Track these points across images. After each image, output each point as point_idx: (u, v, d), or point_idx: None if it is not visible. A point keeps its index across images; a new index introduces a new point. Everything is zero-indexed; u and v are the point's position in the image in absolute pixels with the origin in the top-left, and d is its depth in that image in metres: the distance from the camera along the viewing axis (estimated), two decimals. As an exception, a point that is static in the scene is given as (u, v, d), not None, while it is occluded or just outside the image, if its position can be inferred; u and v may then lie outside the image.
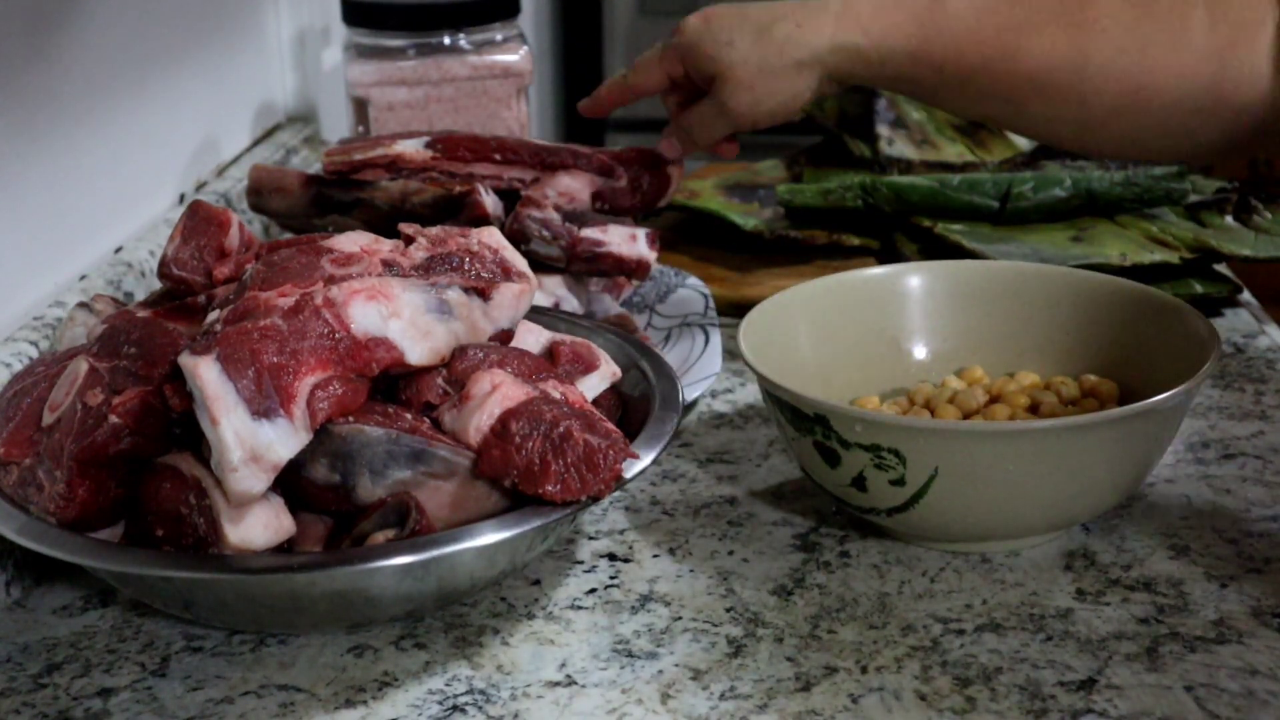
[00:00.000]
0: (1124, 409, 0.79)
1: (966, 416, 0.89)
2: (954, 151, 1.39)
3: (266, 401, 0.69)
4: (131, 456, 0.74)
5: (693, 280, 1.15)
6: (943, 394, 0.92)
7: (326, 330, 0.73)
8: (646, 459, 0.78)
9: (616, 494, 0.91)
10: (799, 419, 0.82)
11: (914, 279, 0.98)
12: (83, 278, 0.98)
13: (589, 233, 1.02)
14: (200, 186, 1.21)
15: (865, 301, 0.97)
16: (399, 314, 0.75)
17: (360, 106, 1.22)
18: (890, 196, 1.24)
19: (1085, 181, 1.23)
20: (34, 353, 0.87)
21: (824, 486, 0.85)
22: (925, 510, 0.81)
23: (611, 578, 0.84)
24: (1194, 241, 1.18)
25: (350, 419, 0.73)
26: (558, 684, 0.74)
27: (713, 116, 1.09)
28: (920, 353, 0.97)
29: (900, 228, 1.25)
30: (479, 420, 0.74)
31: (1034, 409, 0.89)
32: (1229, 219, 1.22)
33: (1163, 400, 0.79)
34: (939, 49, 1.00)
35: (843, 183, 1.26)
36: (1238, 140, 0.98)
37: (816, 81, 1.05)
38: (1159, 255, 1.17)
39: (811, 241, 1.24)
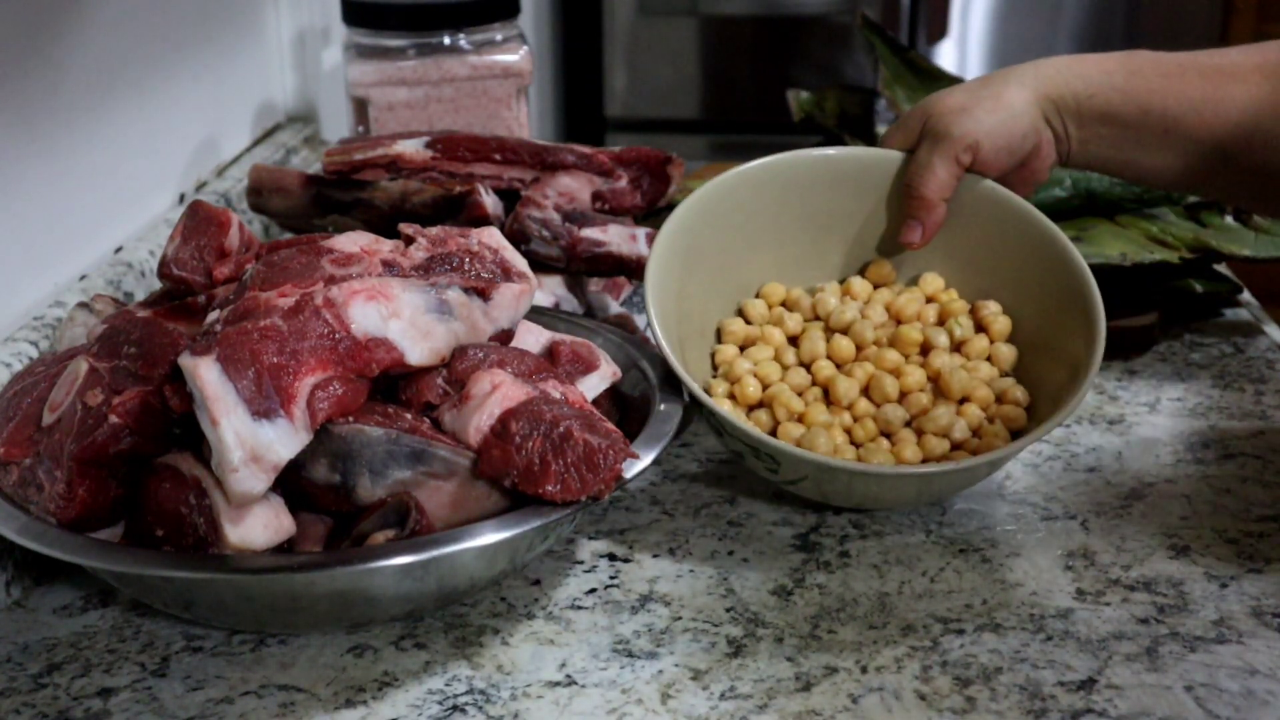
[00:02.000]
0: (977, 460, 0.84)
1: (859, 348, 0.92)
2: (954, 151, 1.39)
3: (266, 402, 0.69)
4: (131, 456, 0.74)
5: (693, 280, 1.14)
6: (842, 313, 0.93)
7: (326, 330, 0.73)
8: (646, 459, 0.78)
9: (616, 494, 0.91)
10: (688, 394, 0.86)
11: (845, 165, 0.98)
12: (83, 278, 0.98)
13: (589, 233, 1.02)
14: (200, 186, 1.21)
15: (801, 184, 0.98)
16: (399, 314, 0.75)
17: (360, 106, 1.22)
18: (890, 196, 1.23)
19: (1085, 181, 1.23)
20: (34, 353, 0.87)
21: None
22: (794, 487, 0.88)
23: (611, 578, 0.83)
24: (1194, 241, 1.18)
25: (350, 419, 0.73)
26: (558, 684, 0.74)
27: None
28: (839, 239, 0.99)
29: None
30: (479, 420, 0.74)
31: (925, 351, 0.92)
32: (1229, 219, 1.22)
33: (1014, 449, 0.84)
34: (1142, 85, 0.96)
35: (843, 182, 1.26)
36: None
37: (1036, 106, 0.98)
38: (1159, 255, 1.17)
39: (811, 241, 1.24)
